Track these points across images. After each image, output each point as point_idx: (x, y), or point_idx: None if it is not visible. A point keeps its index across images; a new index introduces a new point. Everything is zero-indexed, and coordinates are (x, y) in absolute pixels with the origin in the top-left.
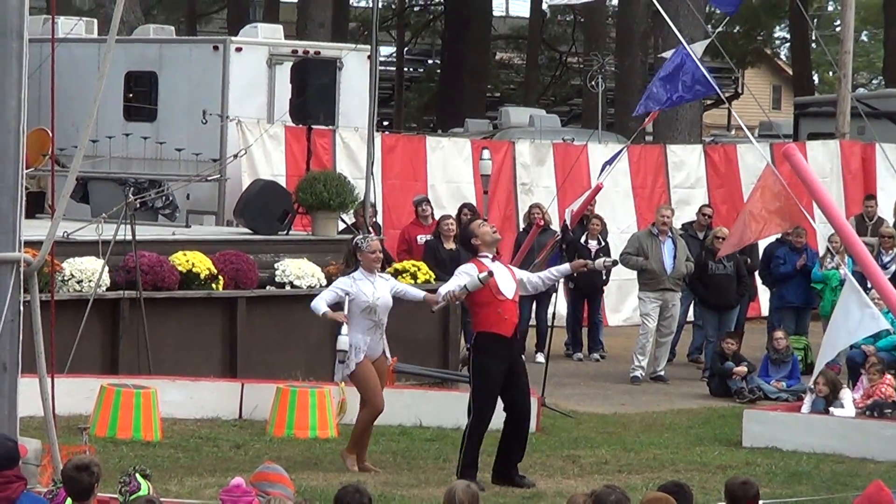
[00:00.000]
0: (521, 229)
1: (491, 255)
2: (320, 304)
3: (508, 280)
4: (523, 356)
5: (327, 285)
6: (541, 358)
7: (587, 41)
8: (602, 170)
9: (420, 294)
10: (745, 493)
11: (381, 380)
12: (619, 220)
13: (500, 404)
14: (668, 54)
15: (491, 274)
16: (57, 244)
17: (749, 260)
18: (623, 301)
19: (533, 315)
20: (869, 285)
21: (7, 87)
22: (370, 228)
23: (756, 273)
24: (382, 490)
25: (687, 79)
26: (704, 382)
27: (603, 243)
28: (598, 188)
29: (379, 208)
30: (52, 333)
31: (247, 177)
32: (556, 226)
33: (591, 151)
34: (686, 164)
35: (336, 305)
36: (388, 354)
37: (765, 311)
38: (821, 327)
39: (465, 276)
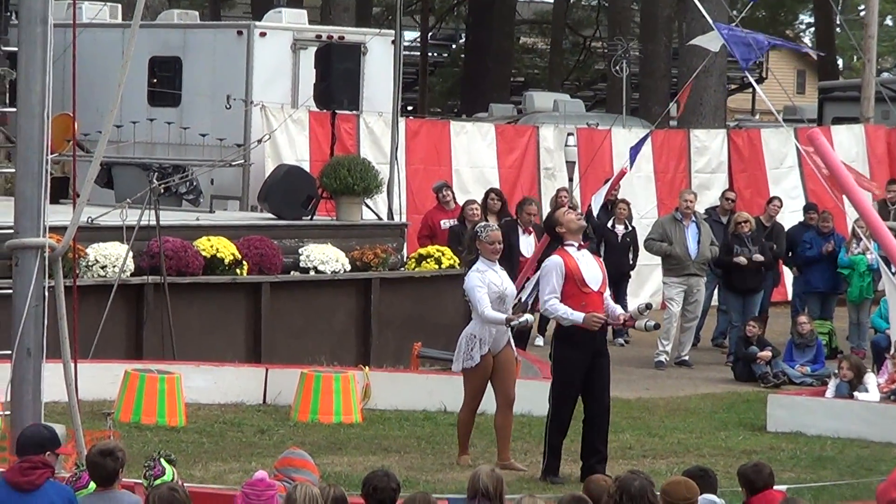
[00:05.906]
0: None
1: (577, 244)
2: (493, 314)
3: (595, 271)
4: (608, 347)
5: (352, 270)
6: None
7: (611, 26)
8: (632, 159)
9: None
10: (759, 477)
11: (509, 370)
12: (640, 205)
13: None
14: (700, 40)
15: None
16: (81, 229)
17: (775, 245)
18: (642, 286)
19: None
20: (894, 269)
21: (31, 72)
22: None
23: (781, 258)
24: (408, 475)
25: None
26: (729, 367)
27: (630, 228)
28: (623, 173)
29: (403, 193)
30: (75, 319)
31: (270, 162)
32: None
33: (615, 136)
34: (709, 149)
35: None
36: (513, 345)
37: (790, 296)
38: (846, 312)
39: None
